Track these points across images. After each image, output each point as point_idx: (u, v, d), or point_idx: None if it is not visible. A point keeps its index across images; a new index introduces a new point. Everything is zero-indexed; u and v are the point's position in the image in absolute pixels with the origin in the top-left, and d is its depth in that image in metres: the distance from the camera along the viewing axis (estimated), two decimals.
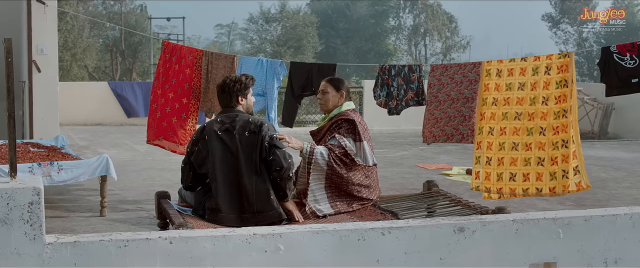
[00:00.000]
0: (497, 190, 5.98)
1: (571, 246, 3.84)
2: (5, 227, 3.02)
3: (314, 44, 42.50)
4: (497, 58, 6.43)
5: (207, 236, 3.28)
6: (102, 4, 37.55)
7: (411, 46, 50.12)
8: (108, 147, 11.91)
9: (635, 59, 5.44)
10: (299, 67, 7.47)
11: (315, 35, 42.91)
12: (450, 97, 6.28)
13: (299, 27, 42.14)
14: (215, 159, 4.27)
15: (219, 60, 7.39)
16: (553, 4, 46.43)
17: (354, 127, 4.67)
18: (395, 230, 3.54)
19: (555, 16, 46.60)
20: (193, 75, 7.16)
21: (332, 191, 4.58)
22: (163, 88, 7.07)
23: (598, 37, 45.83)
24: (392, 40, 50.38)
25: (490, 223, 3.72)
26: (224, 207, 4.23)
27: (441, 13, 48.77)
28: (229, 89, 4.42)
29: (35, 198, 3.05)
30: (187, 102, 7.09)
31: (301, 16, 43.31)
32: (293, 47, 40.95)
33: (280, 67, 7.33)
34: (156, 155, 11.06)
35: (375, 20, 48.04)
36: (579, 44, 46.17)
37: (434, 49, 49.75)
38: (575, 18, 45.75)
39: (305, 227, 3.45)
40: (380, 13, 48.62)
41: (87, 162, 6.37)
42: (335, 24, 46.76)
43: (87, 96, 17.24)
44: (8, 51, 3.09)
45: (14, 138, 3.16)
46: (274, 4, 44.65)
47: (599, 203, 7.28)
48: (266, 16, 44.36)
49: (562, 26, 46.47)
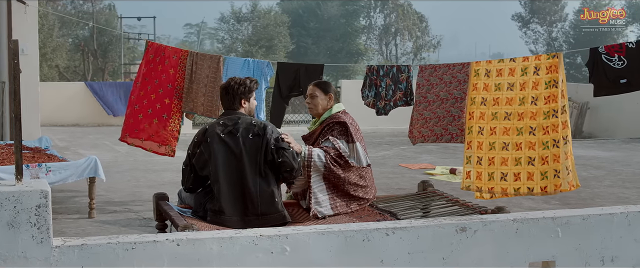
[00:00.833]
0: (488, 189, 6.04)
1: (569, 245, 3.90)
2: (12, 230, 2.99)
3: (285, 44, 42.48)
4: (465, 57, 6.52)
5: (214, 238, 3.27)
6: (71, 4, 37.12)
7: (382, 46, 50.32)
8: (88, 148, 11.81)
9: (624, 60, 5.53)
10: (286, 67, 7.46)
11: (286, 35, 42.91)
12: (439, 98, 6.32)
13: (271, 26, 42.11)
14: (217, 162, 4.26)
15: (203, 60, 7.35)
16: (523, 4, 46.91)
17: (346, 129, 4.69)
18: (399, 231, 3.56)
19: (525, 16, 47.09)
20: (177, 76, 7.11)
21: (331, 191, 4.60)
22: (145, 89, 7.00)
23: (567, 37, 46.41)
24: (363, 40, 50.53)
25: (492, 223, 3.75)
26: (227, 209, 4.22)
27: (412, 13, 49.01)
28: (233, 92, 4.40)
29: (42, 201, 3.03)
30: (170, 102, 7.03)
31: (272, 16, 43.25)
32: (264, 46, 40.88)
33: (267, 67, 7.32)
34: (137, 156, 10.98)
35: (346, 20, 48.14)
36: (549, 43, 46.72)
37: (404, 49, 50.00)
38: (544, 18, 46.28)
39: (311, 228, 3.46)
40: (351, 13, 48.74)
41: (75, 164, 6.31)
42: (306, 24, 46.78)
43: (63, 96, 17.07)
44: (15, 53, 3.06)
45: (20, 140, 3.13)
46: (245, 4, 44.58)
47: (584, 202, 7.38)
48: (237, 16, 44.24)
49: (532, 26, 46.99)
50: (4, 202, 2.97)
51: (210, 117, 7.50)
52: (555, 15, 46.52)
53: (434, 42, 49.85)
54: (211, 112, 7.31)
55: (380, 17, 50.49)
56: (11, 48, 3.06)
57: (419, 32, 49.02)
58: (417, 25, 48.94)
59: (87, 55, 34.10)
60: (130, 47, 40.17)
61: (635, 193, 8.11)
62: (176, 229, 4.23)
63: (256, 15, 43.52)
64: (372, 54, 49.71)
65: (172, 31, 61.64)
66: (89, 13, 35.83)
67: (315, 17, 47.25)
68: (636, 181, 8.93)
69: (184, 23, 69.05)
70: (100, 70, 34.81)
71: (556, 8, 46.44)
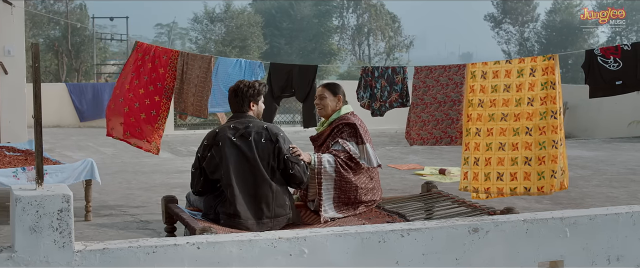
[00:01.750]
0: (484, 189, 6.10)
1: (577, 244, 3.96)
2: (34, 235, 2.98)
3: (258, 44, 42.42)
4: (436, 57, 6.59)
5: (234, 241, 3.28)
6: (42, 3, 36.67)
7: (355, 46, 50.43)
8: (73, 150, 11.72)
9: (619, 62, 5.62)
10: (278, 68, 7.47)
11: (260, 35, 42.85)
12: (436, 100, 6.37)
13: (244, 27, 42.02)
14: (229, 165, 4.25)
15: (194, 61, 7.34)
16: (495, 4, 47.31)
17: (356, 131, 4.72)
18: (413, 232, 3.60)
19: (498, 16, 47.49)
20: (166, 75, 7.07)
21: (340, 201, 4.62)
22: (132, 83, 6.94)
23: (539, 37, 46.89)
24: (336, 40, 50.60)
25: (503, 224, 3.80)
26: (242, 213, 4.22)
27: (384, 13, 49.19)
28: (242, 94, 4.40)
29: (64, 206, 3.02)
30: (159, 100, 7.00)
31: (246, 16, 43.15)
32: (238, 47, 40.75)
33: (258, 68, 7.32)
34: (124, 157, 10.95)
35: (318, 20, 48.20)
36: (521, 43, 47.18)
37: (377, 49, 50.16)
38: (516, 18, 46.73)
39: (328, 230, 3.48)
40: (323, 13, 48.80)
41: (71, 166, 6.26)
42: (279, 24, 46.75)
43: (43, 98, 16.85)
44: (35, 56, 3.04)
45: (40, 144, 3.12)
46: (219, 4, 44.39)
47: (575, 202, 7.48)
48: (211, 16, 44.08)
49: (504, 26, 47.40)
50: (27, 207, 2.96)
51: (199, 117, 7.50)
52: (527, 16, 46.99)
53: (406, 42, 50.06)
54: (200, 111, 7.31)
55: (353, 17, 50.66)
56: (32, 51, 3.04)
57: (391, 32, 49.20)
58: (389, 25, 49.13)
59: (61, 56, 33.70)
60: (102, 48, 39.83)
61: (624, 192, 8.23)
62: (191, 232, 4.23)
63: (229, 15, 43.39)
64: (345, 54, 49.79)
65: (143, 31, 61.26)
66: (59, 13, 35.38)
67: (288, 17, 47.24)
68: (622, 181, 9.07)
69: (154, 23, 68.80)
70: (74, 71, 34.41)
71: (528, 8, 46.90)
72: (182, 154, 12.87)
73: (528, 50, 46.99)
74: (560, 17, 45.87)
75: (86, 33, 35.32)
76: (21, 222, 2.95)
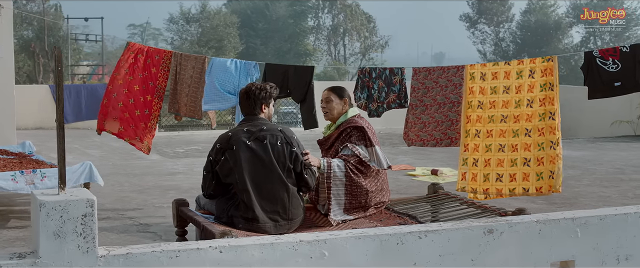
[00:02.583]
0: (483, 190, 6.14)
1: (588, 244, 4.00)
2: (58, 240, 2.96)
3: (234, 45, 42.31)
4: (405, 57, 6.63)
5: (256, 244, 3.28)
6: (14, 4, 36.16)
7: (330, 46, 50.48)
8: None
9: (618, 64, 5.68)
10: (274, 68, 7.45)
11: (236, 36, 42.74)
12: (436, 102, 6.40)
13: (220, 27, 41.89)
14: (244, 169, 4.22)
15: (188, 61, 7.31)
16: (471, 5, 47.63)
17: (364, 134, 4.72)
18: (431, 234, 3.62)
19: (473, 16, 47.82)
20: (159, 75, 7.02)
21: (351, 205, 4.62)
22: (126, 79, 6.85)
23: (514, 37, 47.27)
24: (312, 40, 50.61)
25: (517, 225, 3.84)
26: (261, 217, 4.20)
27: (359, 13, 49.29)
28: (255, 96, 4.37)
29: (88, 210, 3.00)
30: (151, 99, 6.94)
31: (222, 16, 43.01)
32: (214, 47, 40.58)
33: (253, 68, 7.30)
34: (113, 159, 10.86)
35: (294, 20, 48.17)
36: (496, 43, 47.55)
37: (353, 49, 50.26)
38: (492, 18, 47.08)
39: (347, 233, 3.49)
40: (299, 13, 48.77)
41: (70, 169, 6.21)
42: (254, 24, 46.65)
43: (25, 99, 16.68)
44: (58, 60, 3.02)
45: (63, 149, 3.10)
46: (194, 4, 44.22)
47: (569, 202, 7.55)
48: (186, 16, 43.89)
49: (480, 26, 47.73)
50: (51, 212, 2.93)
51: (193, 117, 7.46)
52: (502, 16, 47.35)
53: (381, 43, 50.23)
54: (193, 112, 7.28)
55: (328, 17, 50.72)
56: (54, 55, 3.01)
57: (367, 33, 49.32)
58: (365, 25, 49.23)
59: (38, 57, 33.31)
60: (76, 48, 39.47)
61: (615, 192, 8.33)
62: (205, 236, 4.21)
63: (205, 15, 43.22)
64: (321, 55, 49.81)
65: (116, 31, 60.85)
66: (33, 13, 34.98)
67: (263, 18, 47.16)
68: (612, 180, 9.17)
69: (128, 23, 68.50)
70: (50, 72, 34.00)
71: (503, 9, 47.26)
72: (170, 156, 12.80)
73: (503, 50, 47.36)
74: (535, 17, 46.28)
75: (60, 34, 34.89)
76: (45, 227, 2.93)
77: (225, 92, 7.14)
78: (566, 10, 46.88)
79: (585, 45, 45.92)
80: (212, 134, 17.94)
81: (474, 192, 6.18)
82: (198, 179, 9.11)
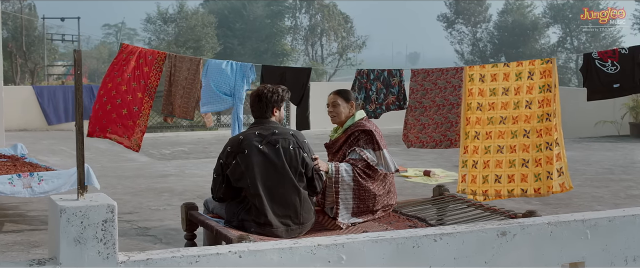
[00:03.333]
0: (482, 192, 6.16)
1: (597, 246, 4.03)
2: (79, 247, 2.93)
3: (212, 45, 42.18)
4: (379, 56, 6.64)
5: (274, 248, 3.27)
6: None
7: (308, 46, 50.48)
8: (47, 154, 11.48)
9: (617, 65, 5.73)
10: (271, 70, 7.42)
11: (214, 36, 42.61)
12: (435, 103, 6.41)
13: (198, 27, 41.74)
14: (256, 173, 4.18)
15: (182, 62, 7.27)
16: (448, 5, 47.86)
17: (372, 137, 4.70)
18: (446, 236, 3.63)
19: (450, 17, 48.06)
20: (151, 74, 6.97)
21: (359, 209, 4.61)
22: (114, 81, 6.80)
23: (492, 37, 47.58)
24: (289, 41, 50.58)
25: (529, 227, 3.85)
26: (274, 222, 4.17)
27: (337, 13, 49.36)
28: (266, 100, 4.33)
29: (109, 216, 2.97)
30: (142, 97, 6.87)
31: (199, 16, 42.84)
32: (192, 47, 40.43)
33: (250, 70, 7.27)
34: (103, 161, 10.77)
35: (271, 21, 48.10)
36: (474, 43, 47.83)
37: (330, 49, 50.31)
38: (469, 18, 47.35)
39: (365, 236, 3.49)
40: (276, 13, 48.71)
41: (67, 172, 6.13)
42: (232, 25, 46.53)
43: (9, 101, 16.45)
44: (78, 63, 2.98)
45: (82, 154, 3.06)
46: (172, 4, 43.99)
47: (563, 202, 7.60)
48: (164, 17, 43.69)
49: (457, 26, 47.99)
50: (71, 218, 2.90)
51: (185, 118, 7.42)
52: (480, 16, 47.64)
53: (359, 43, 50.34)
54: (186, 113, 7.25)
55: (305, 17, 50.70)
56: (74, 57, 2.98)
57: (344, 33, 49.39)
58: (342, 25, 49.29)
59: (15, 57, 32.88)
60: (51, 48, 39.09)
61: (607, 192, 8.40)
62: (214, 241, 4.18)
63: (183, 16, 43.03)
64: (298, 55, 49.79)
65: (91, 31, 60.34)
66: (7, 13, 34.54)
67: (241, 18, 47.04)
68: (602, 180, 9.25)
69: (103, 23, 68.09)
70: (28, 72, 33.60)
71: (480, 9, 47.55)
72: (157, 157, 12.73)
73: (480, 50, 47.64)
74: (513, 18, 46.60)
75: (36, 33, 34.50)
76: (66, 233, 2.89)
77: (221, 94, 7.12)
78: (543, 11, 47.29)
79: (561, 46, 46.32)
80: (197, 136, 17.88)
81: (473, 193, 6.20)
82: (190, 181, 9.10)
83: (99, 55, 56.14)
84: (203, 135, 17.93)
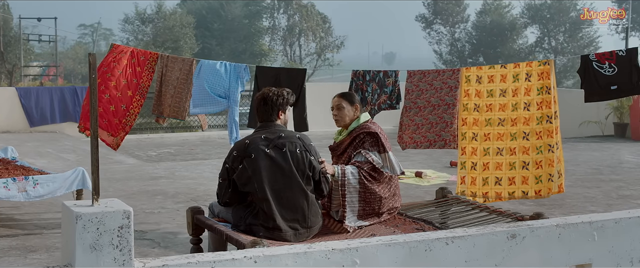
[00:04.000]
0: (482, 194, 6.19)
1: (604, 247, 4.05)
2: (94, 254, 2.88)
3: (191, 45, 42.00)
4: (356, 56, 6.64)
5: (289, 253, 3.24)
6: None
7: (286, 46, 50.45)
8: (33, 157, 11.33)
9: (614, 67, 5.77)
10: (265, 71, 7.40)
11: (192, 36, 42.43)
12: (430, 104, 6.42)
13: (176, 28, 41.54)
14: (264, 178, 4.14)
15: (175, 63, 7.22)
16: (426, 5, 48.02)
17: (377, 140, 4.69)
18: (457, 240, 3.62)
19: (429, 17, 48.24)
20: (143, 74, 6.91)
21: (365, 212, 4.59)
22: (103, 77, 6.73)
23: (470, 37, 47.82)
24: (267, 41, 50.50)
25: (538, 229, 3.86)
26: (282, 226, 4.13)
27: (315, 13, 49.37)
28: (272, 103, 4.29)
29: (125, 222, 2.93)
30: (132, 95, 6.80)
31: (178, 16, 42.64)
32: (170, 48, 40.14)
33: (244, 71, 7.24)
34: None
35: (249, 21, 47.95)
36: (452, 44, 48.04)
37: (308, 49, 50.32)
38: (447, 19, 47.55)
39: (378, 240, 3.47)
40: (254, 13, 48.56)
41: (62, 176, 6.06)
42: (210, 25, 46.35)
43: None
44: (92, 66, 2.94)
45: (97, 159, 3.02)
46: (150, 5, 43.73)
47: (557, 203, 7.64)
48: (142, 17, 43.42)
49: (435, 27, 48.18)
50: (87, 224, 2.85)
51: (176, 118, 7.37)
52: (458, 17, 47.86)
53: (337, 43, 50.38)
54: (178, 113, 7.20)
55: (283, 17, 50.59)
56: (89, 61, 2.94)
57: (322, 33, 49.40)
58: (320, 25, 49.31)
59: None
60: (28, 49, 38.66)
61: (598, 192, 8.46)
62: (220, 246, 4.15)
63: (161, 16, 42.79)
64: (276, 55, 49.73)
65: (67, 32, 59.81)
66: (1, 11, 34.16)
67: (219, 18, 46.87)
68: (592, 180, 9.32)
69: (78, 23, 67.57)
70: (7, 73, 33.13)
71: (458, 9, 47.77)
72: (143, 159, 12.62)
73: (459, 50, 47.85)
74: (491, 18, 46.84)
75: (12, 34, 34.06)
76: (81, 239, 2.85)
77: (215, 96, 7.07)
78: (521, 11, 47.57)
79: (539, 46, 46.63)
80: (181, 137, 17.78)
81: (473, 195, 6.23)
82: (182, 184, 9.04)
83: (75, 56, 55.64)
84: (188, 137, 17.85)
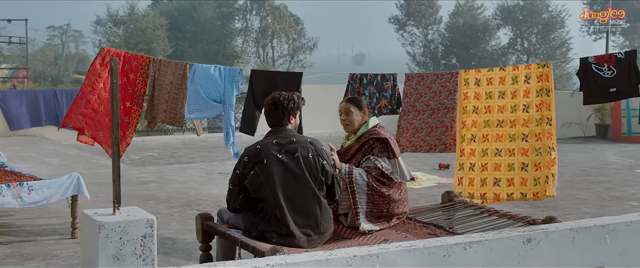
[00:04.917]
0: (480, 195, 6.19)
1: (615, 250, 4.05)
2: (117, 263, 2.82)
3: (164, 47, 41.79)
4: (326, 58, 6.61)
5: (311, 260, 3.19)
6: None
7: (259, 48, 50.40)
8: (16, 161, 11.11)
9: (613, 70, 5.79)
10: (260, 75, 7.33)
11: (165, 38, 42.22)
12: (429, 107, 6.40)
13: (149, 29, 41.29)
14: (276, 184, 4.07)
15: (168, 67, 7.11)
16: (399, 6, 48.17)
17: (387, 145, 4.64)
18: (475, 244, 3.60)
19: (402, 18, 48.40)
20: (137, 81, 6.79)
21: (373, 214, 4.55)
22: (96, 86, 6.52)
23: (443, 38, 48.05)
24: (239, 43, 50.39)
25: (552, 233, 3.85)
26: (296, 232, 4.06)
27: (288, 15, 49.38)
28: (283, 107, 4.22)
29: (148, 231, 2.88)
30: (130, 106, 6.68)
31: (150, 18, 42.38)
32: (143, 50, 39.86)
33: (238, 74, 7.17)
34: (76, 167, 10.50)
35: (221, 23, 47.83)
36: (425, 45, 48.26)
37: (281, 51, 50.29)
38: (420, 20, 47.75)
39: (397, 246, 3.44)
40: (226, 15, 48.45)
41: (57, 182, 5.95)
42: (182, 27, 46.15)
43: None
44: (114, 71, 2.87)
45: (118, 166, 2.95)
46: (122, 5, 43.36)
47: (550, 205, 7.67)
48: (114, 18, 43.08)
49: (408, 28, 48.35)
50: (110, 234, 2.80)
51: (172, 125, 7.26)
52: (431, 18, 48.07)
53: (310, 44, 50.41)
54: (174, 119, 7.07)
55: (256, 19, 50.56)
56: (111, 66, 2.87)
57: (295, 35, 49.41)
58: (293, 27, 49.34)
59: None
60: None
61: (590, 193, 8.52)
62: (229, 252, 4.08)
63: (134, 18, 42.47)
64: (248, 57, 49.63)
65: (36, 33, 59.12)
66: None
67: (191, 20, 46.69)
68: (582, 182, 9.39)
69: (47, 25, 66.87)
70: None
71: (431, 11, 47.99)
72: (128, 163, 12.47)
73: (432, 51, 48.06)
74: (464, 19, 47.10)
75: None
76: (105, 249, 2.79)
77: (210, 100, 6.99)
78: (493, 12, 47.89)
79: (512, 47, 46.95)
80: (162, 140, 17.61)
81: (471, 196, 6.23)
82: (172, 188, 8.94)
83: (45, 58, 54.91)
84: (169, 140, 17.69)
